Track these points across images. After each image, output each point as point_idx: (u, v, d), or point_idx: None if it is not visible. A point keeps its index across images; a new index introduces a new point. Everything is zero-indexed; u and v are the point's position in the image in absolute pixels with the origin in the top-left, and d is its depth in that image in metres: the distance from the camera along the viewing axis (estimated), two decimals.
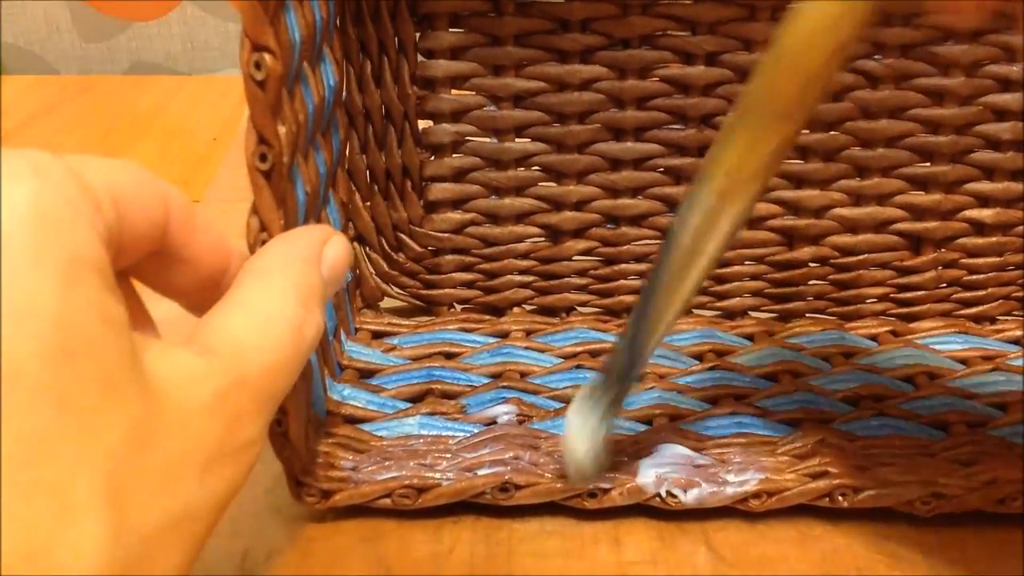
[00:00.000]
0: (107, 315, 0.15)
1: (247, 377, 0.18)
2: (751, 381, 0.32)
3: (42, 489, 0.14)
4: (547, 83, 0.34)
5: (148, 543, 0.15)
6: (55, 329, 0.14)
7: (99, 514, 0.15)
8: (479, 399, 0.31)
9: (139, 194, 0.18)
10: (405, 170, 0.35)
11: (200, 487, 0.17)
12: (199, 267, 0.21)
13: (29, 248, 0.15)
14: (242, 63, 0.21)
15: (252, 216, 0.22)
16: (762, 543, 0.27)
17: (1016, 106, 0.34)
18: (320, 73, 0.28)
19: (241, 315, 0.19)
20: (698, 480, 0.27)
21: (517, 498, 0.27)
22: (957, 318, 0.37)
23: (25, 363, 0.14)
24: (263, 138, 0.22)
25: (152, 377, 0.16)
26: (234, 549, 0.26)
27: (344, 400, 0.30)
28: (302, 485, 0.26)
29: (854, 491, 0.27)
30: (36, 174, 0.15)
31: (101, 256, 0.16)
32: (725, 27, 0.33)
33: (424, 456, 0.28)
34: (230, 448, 0.18)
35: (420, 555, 0.26)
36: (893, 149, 0.35)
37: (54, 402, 0.14)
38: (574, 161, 0.35)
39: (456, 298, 0.37)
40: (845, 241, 0.36)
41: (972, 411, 0.31)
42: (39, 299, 0.14)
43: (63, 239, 0.15)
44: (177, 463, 0.16)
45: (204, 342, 0.18)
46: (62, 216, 0.15)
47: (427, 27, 0.33)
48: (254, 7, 0.21)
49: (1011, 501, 0.27)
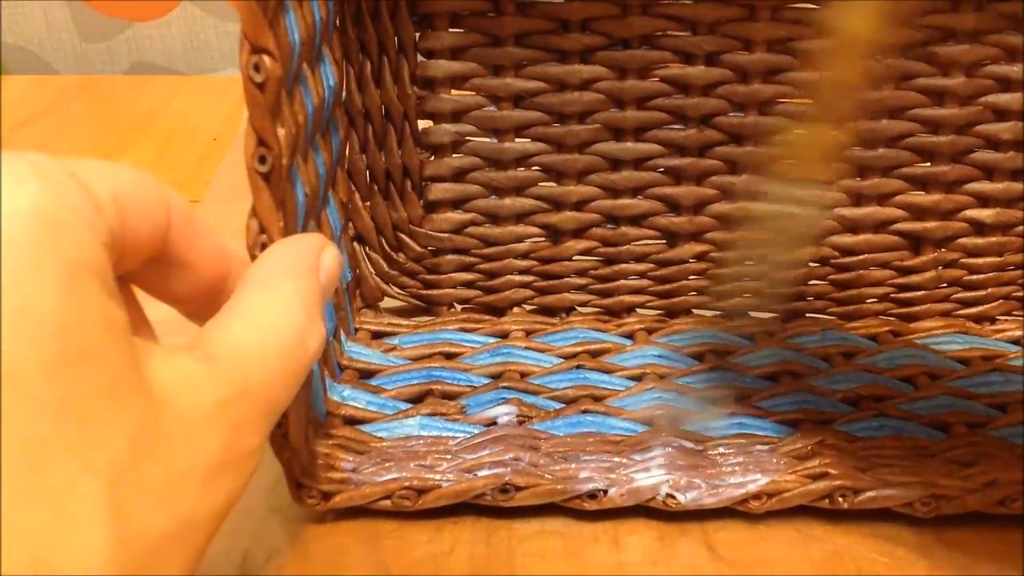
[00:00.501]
0: (109, 321, 0.15)
1: (250, 387, 0.18)
2: (751, 381, 0.32)
3: (44, 496, 0.14)
4: (547, 83, 0.34)
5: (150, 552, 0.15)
6: (57, 335, 0.14)
7: (102, 522, 0.14)
8: (479, 400, 0.31)
9: (141, 198, 0.18)
10: (405, 170, 0.35)
11: (202, 496, 0.17)
12: (199, 273, 0.21)
13: (31, 253, 0.14)
14: (241, 65, 0.21)
15: (251, 218, 0.22)
16: (762, 543, 0.27)
17: (1016, 106, 0.34)
18: (319, 74, 0.28)
19: (245, 324, 0.19)
20: (698, 481, 0.27)
21: (517, 499, 0.27)
22: (957, 318, 0.37)
23: (27, 369, 0.14)
24: (262, 140, 0.22)
25: (154, 384, 0.16)
26: (234, 549, 0.26)
27: (344, 401, 0.30)
28: (302, 487, 0.26)
29: (854, 492, 0.27)
30: (39, 178, 0.15)
31: (103, 261, 0.16)
32: (725, 27, 0.33)
33: (424, 457, 0.28)
34: (232, 458, 0.18)
35: (420, 555, 0.26)
36: (893, 149, 0.35)
37: (56, 409, 0.14)
38: (574, 161, 0.35)
39: (456, 298, 0.37)
40: (845, 241, 0.36)
41: (972, 412, 0.31)
42: (41, 304, 0.14)
43: (65, 244, 0.15)
44: (180, 472, 0.16)
45: (207, 350, 0.18)
46: (64, 221, 0.15)
47: (427, 27, 0.33)
48: (253, 9, 0.20)
49: (1011, 502, 0.27)
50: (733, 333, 0.35)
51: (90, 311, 0.15)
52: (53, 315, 0.14)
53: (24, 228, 0.14)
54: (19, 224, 0.14)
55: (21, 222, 0.15)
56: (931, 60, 0.34)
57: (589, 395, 0.32)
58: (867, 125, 0.34)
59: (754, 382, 0.32)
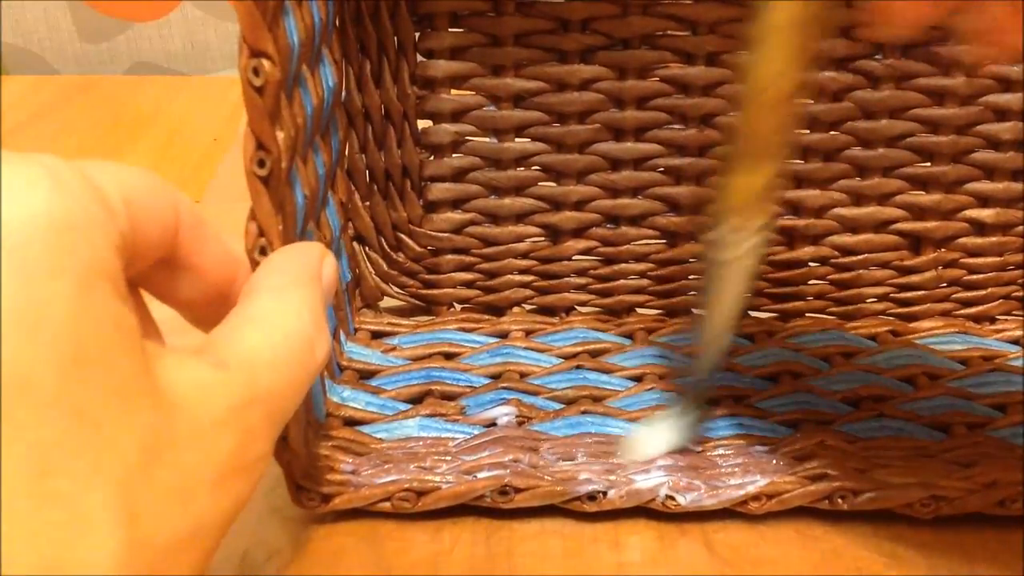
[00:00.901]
0: (121, 325, 0.15)
1: (260, 394, 0.18)
2: (751, 382, 0.32)
3: (56, 500, 0.14)
4: (547, 83, 0.34)
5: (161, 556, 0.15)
6: (70, 339, 0.14)
7: (112, 526, 0.14)
8: (479, 400, 0.31)
9: (151, 201, 0.18)
10: (405, 170, 0.35)
11: (212, 501, 0.17)
12: (206, 277, 0.21)
13: (45, 257, 0.14)
14: (240, 69, 0.21)
15: (250, 221, 0.22)
16: (762, 544, 0.27)
17: (1016, 106, 0.34)
18: (319, 75, 0.28)
19: (256, 331, 0.19)
20: (697, 483, 0.27)
21: (517, 501, 0.27)
22: (957, 318, 0.37)
23: (40, 373, 0.14)
24: (261, 144, 0.22)
25: (166, 389, 0.16)
26: (234, 550, 0.26)
27: (344, 402, 0.30)
28: (302, 489, 0.26)
29: (853, 493, 0.27)
30: (51, 181, 0.15)
31: (115, 265, 0.16)
32: (725, 27, 0.33)
33: (423, 459, 0.28)
34: (241, 463, 0.18)
35: (420, 556, 0.26)
36: (894, 149, 0.35)
37: (69, 412, 0.14)
38: (574, 161, 0.35)
39: (456, 298, 0.37)
40: (845, 241, 0.36)
41: (972, 412, 0.31)
42: (54, 309, 0.14)
43: (78, 248, 0.15)
44: (190, 477, 0.16)
45: (219, 356, 0.18)
46: (77, 224, 0.15)
47: (427, 27, 0.33)
48: (252, 12, 0.20)
49: (1011, 503, 0.27)
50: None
51: (103, 315, 0.15)
52: (66, 319, 0.14)
53: (37, 232, 0.14)
54: (32, 228, 0.14)
55: (34, 226, 0.14)
56: (932, 60, 0.34)
57: (589, 395, 0.32)
58: (868, 125, 0.34)
59: (754, 383, 0.32)
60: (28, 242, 0.14)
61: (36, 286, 0.14)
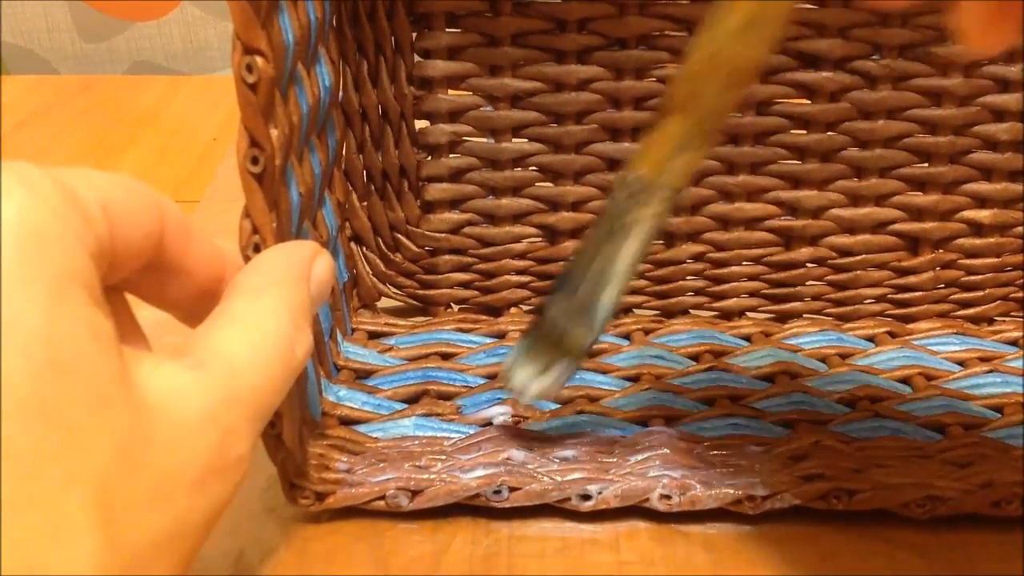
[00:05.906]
0: (96, 331, 0.15)
1: (238, 394, 0.18)
2: (747, 382, 0.32)
3: (34, 506, 0.14)
4: (544, 83, 0.34)
5: (140, 559, 0.16)
6: (44, 345, 0.14)
7: (91, 530, 0.15)
8: (475, 400, 0.31)
9: (132, 207, 0.18)
10: (402, 170, 0.35)
11: (191, 502, 0.17)
12: (195, 278, 0.21)
13: (17, 264, 0.15)
14: (233, 66, 0.21)
15: (244, 219, 0.22)
16: (759, 544, 0.27)
17: (1014, 107, 0.34)
18: (315, 74, 0.28)
19: (234, 332, 0.19)
20: (693, 482, 0.27)
21: (511, 500, 0.27)
22: (955, 319, 0.37)
23: (14, 380, 0.14)
24: (255, 141, 0.22)
25: (142, 392, 0.16)
26: (229, 549, 0.26)
27: (339, 401, 0.30)
28: (296, 488, 0.26)
29: (849, 494, 0.27)
30: (24, 188, 0.15)
31: (90, 271, 0.16)
32: None
33: (419, 458, 0.28)
34: (221, 464, 0.18)
35: (417, 555, 0.26)
36: (891, 150, 0.35)
37: (44, 418, 0.14)
38: (571, 161, 0.35)
39: (453, 298, 0.37)
40: (843, 242, 0.36)
41: (969, 413, 0.31)
42: (28, 315, 0.14)
43: (52, 255, 0.15)
44: (168, 479, 0.16)
45: (196, 356, 0.18)
46: (51, 232, 0.15)
47: (424, 27, 0.33)
48: (245, 9, 0.20)
49: (1007, 504, 0.27)
50: (730, 334, 0.35)
51: (77, 322, 0.15)
52: (40, 326, 0.14)
53: (10, 239, 0.15)
54: (6, 235, 0.15)
55: (8, 234, 0.15)
56: (929, 60, 0.34)
57: (584, 395, 0.32)
58: (865, 125, 0.34)
59: (751, 383, 0.32)
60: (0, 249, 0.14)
61: (9, 292, 0.14)
